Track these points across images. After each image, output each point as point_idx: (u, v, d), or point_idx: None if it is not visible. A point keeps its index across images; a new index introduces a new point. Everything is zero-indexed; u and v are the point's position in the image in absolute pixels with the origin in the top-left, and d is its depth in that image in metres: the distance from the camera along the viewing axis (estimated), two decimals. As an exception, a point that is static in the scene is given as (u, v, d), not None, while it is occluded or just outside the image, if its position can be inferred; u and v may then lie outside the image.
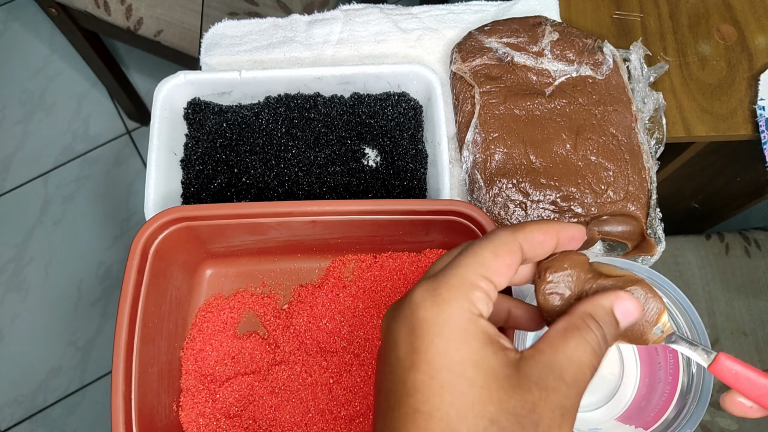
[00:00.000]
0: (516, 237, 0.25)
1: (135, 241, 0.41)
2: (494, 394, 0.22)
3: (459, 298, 0.23)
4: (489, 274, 0.24)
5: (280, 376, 0.46)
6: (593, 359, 0.24)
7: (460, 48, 0.55)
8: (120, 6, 0.92)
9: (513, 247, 0.25)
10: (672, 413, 0.40)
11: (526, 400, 0.22)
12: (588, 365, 0.24)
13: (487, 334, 0.23)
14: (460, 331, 0.23)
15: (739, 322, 0.68)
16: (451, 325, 0.23)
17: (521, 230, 0.26)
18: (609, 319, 0.26)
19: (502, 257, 0.25)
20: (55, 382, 1.15)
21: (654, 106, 0.53)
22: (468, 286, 0.24)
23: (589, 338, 0.24)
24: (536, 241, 0.26)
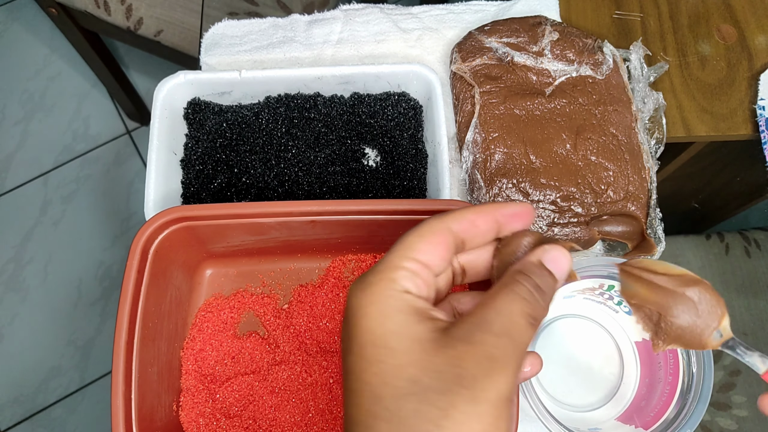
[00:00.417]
0: (443, 220, 0.27)
1: (135, 241, 0.41)
2: (416, 356, 0.23)
3: (383, 279, 0.25)
4: (414, 255, 0.26)
5: (280, 376, 0.46)
6: (524, 306, 0.25)
7: (460, 48, 0.55)
8: (120, 6, 0.92)
9: (438, 228, 0.26)
10: (672, 413, 0.40)
11: (449, 356, 0.23)
12: (519, 313, 0.24)
13: (413, 307, 0.24)
14: (383, 308, 0.24)
15: (739, 322, 0.68)
16: (375, 304, 0.24)
17: (451, 214, 0.27)
18: (539, 270, 0.26)
19: (427, 238, 0.26)
20: (55, 382, 1.15)
21: (654, 106, 0.53)
22: (392, 268, 0.25)
23: (518, 290, 0.25)
24: (467, 220, 0.27)
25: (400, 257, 0.25)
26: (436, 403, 0.22)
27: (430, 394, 0.23)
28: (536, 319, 0.25)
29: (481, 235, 0.28)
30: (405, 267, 0.25)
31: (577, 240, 0.49)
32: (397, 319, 0.24)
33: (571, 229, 0.49)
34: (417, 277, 0.25)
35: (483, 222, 0.27)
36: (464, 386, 0.22)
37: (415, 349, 0.23)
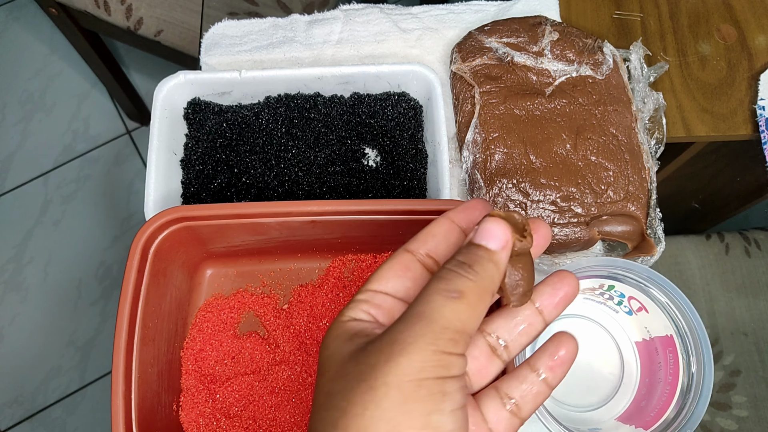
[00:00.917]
0: (405, 246, 0.27)
1: (135, 241, 0.41)
2: (333, 371, 0.24)
3: (340, 314, 0.26)
4: (369, 286, 0.27)
5: (280, 376, 0.46)
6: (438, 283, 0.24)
7: (460, 48, 0.55)
8: (120, 6, 0.92)
9: (398, 255, 0.27)
10: (672, 413, 0.40)
11: (357, 359, 0.23)
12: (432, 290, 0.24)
13: (349, 331, 0.25)
14: (326, 339, 0.26)
15: (739, 322, 0.68)
16: (325, 337, 0.26)
17: (412, 238, 0.28)
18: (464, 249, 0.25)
19: (387, 266, 0.27)
20: (55, 382, 1.15)
21: (654, 106, 0.53)
22: (350, 303, 0.26)
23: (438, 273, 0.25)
24: (423, 237, 0.27)
25: (359, 291, 0.27)
26: (337, 404, 0.23)
27: (335, 399, 0.23)
28: (461, 293, 0.23)
29: (450, 246, 0.27)
30: (356, 299, 0.26)
31: (577, 240, 0.49)
32: (332, 345, 0.25)
33: (571, 229, 0.49)
34: (366, 304, 0.26)
35: (443, 231, 0.27)
36: (362, 379, 0.22)
37: (335, 365, 0.24)
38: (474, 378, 0.27)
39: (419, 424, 0.22)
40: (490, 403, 0.27)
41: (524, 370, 0.27)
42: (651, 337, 0.45)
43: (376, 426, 0.21)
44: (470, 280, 0.23)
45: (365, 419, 0.22)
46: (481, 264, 0.24)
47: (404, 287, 0.27)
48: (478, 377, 0.27)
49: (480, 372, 0.27)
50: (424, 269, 0.27)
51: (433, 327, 0.22)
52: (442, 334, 0.22)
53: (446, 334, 0.22)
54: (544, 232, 0.28)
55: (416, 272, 0.27)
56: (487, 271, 0.24)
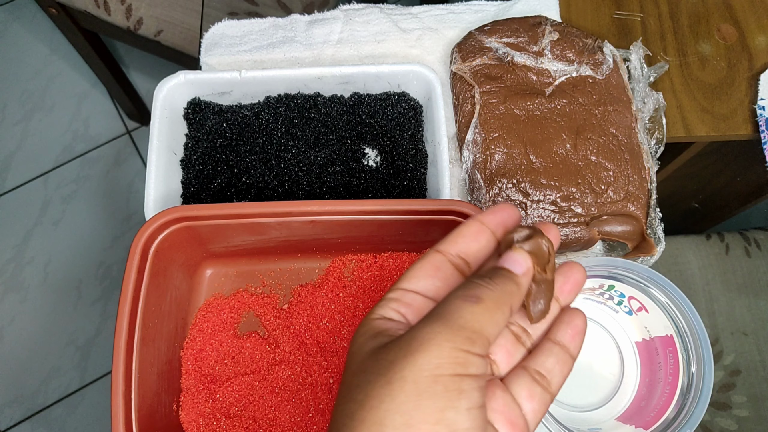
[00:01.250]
0: (435, 246, 0.28)
1: (135, 241, 0.41)
2: (355, 366, 0.25)
3: (371, 312, 0.27)
4: (400, 285, 0.27)
5: (280, 376, 0.46)
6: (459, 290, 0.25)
7: (460, 48, 0.55)
8: (120, 6, 0.92)
9: (429, 255, 0.28)
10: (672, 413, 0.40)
11: (378, 355, 0.24)
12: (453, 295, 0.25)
13: (375, 329, 0.26)
14: (355, 335, 0.26)
15: (739, 322, 0.68)
16: (354, 333, 0.27)
17: (443, 239, 0.29)
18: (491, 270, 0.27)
19: (417, 269, 0.28)
20: (55, 382, 1.15)
21: (654, 106, 0.53)
22: (381, 301, 0.27)
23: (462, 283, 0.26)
24: (459, 236, 0.28)
25: (391, 289, 0.28)
26: (355, 397, 0.23)
27: (354, 391, 0.24)
28: (479, 298, 0.24)
29: (481, 246, 0.28)
30: (387, 297, 0.27)
31: (578, 240, 0.49)
32: (358, 341, 0.26)
33: (571, 229, 0.49)
34: (396, 302, 0.27)
35: (472, 233, 0.28)
36: (380, 374, 0.23)
37: (357, 360, 0.25)
38: (501, 365, 0.28)
39: (433, 419, 0.22)
40: (521, 381, 0.27)
41: (547, 344, 0.28)
42: (651, 337, 0.45)
43: (391, 418, 0.22)
44: (489, 289, 0.25)
45: (381, 411, 0.22)
46: (502, 279, 0.25)
47: (434, 287, 0.27)
48: (504, 364, 0.28)
49: (506, 359, 0.28)
50: (454, 269, 0.28)
51: (451, 325, 0.23)
52: (460, 332, 0.23)
53: (463, 332, 0.23)
54: (577, 277, 0.29)
55: (447, 272, 0.28)
56: (507, 286, 0.25)
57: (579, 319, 0.29)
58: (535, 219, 0.49)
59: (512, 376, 0.27)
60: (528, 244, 0.27)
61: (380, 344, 0.25)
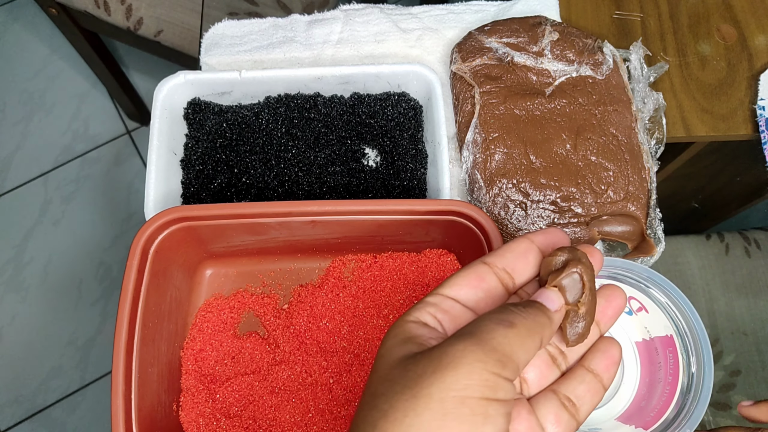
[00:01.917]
0: (483, 258, 0.28)
1: (135, 241, 0.41)
2: (382, 372, 0.25)
3: (407, 313, 0.27)
4: (441, 290, 0.27)
5: (280, 376, 0.46)
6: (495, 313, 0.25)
7: (460, 48, 0.55)
8: (120, 6, 0.92)
9: (475, 265, 0.28)
10: (672, 413, 0.40)
11: (406, 365, 0.24)
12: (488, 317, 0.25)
13: (408, 333, 0.26)
14: (387, 335, 0.26)
15: (739, 322, 0.68)
16: (387, 332, 0.27)
17: (492, 252, 0.29)
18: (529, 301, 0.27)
19: (463, 274, 0.28)
20: (55, 382, 1.15)
21: (654, 106, 0.53)
22: (419, 303, 0.27)
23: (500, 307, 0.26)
24: (508, 251, 0.28)
25: (430, 293, 0.27)
26: (380, 406, 0.23)
27: (379, 400, 0.23)
28: (512, 324, 0.24)
29: (528, 264, 0.28)
30: (426, 301, 0.27)
31: (578, 240, 0.49)
32: (388, 344, 0.26)
33: (571, 230, 0.49)
34: (434, 307, 0.27)
35: (521, 250, 0.28)
36: (408, 386, 0.23)
37: (385, 366, 0.25)
38: (532, 385, 0.28)
39: None
40: (549, 404, 0.27)
41: (580, 371, 0.28)
42: (651, 337, 0.45)
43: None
44: (523, 316, 0.25)
45: (403, 426, 0.22)
46: (536, 311, 0.26)
47: (476, 297, 0.27)
48: (535, 385, 0.28)
49: (538, 380, 0.28)
50: (499, 283, 0.28)
51: (483, 346, 0.23)
52: (491, 354, 0.23)
53: (495, 354, 0.23)
54: (619, 303, 0.29)
55: (490, 284, 0.28)
56: (539, 317, 0.25)
57: (615, 349, 0.29)
58: (535, 219, 0.49)
59: (541, 398, 0.27)
60: (565, 276, 0.27)
61: (410, 353, 0.24)
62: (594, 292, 0.27)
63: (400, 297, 0.48)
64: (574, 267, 0.27)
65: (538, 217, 0.49)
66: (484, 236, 0.44)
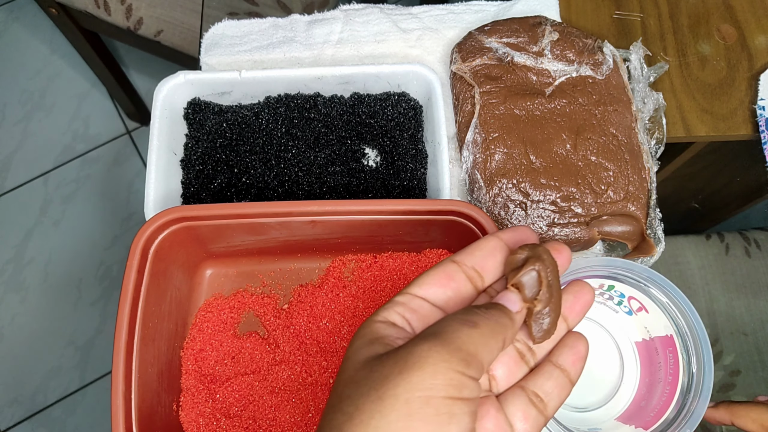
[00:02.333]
0: (452, 256, 0.28)
1: (135, 241, 0.41)
2: (348, 373, 0.24)
3: (375, 313, 0.27)
4: (410, 289, 0.27)
5: (280, 376, 0.46)
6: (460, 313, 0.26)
7: (460, 48, 0.55)
8: (120, 6, 0.92)
9: (444, 263, 0.28)
10: (672, 413, 0.40)
11: (372, 366, 0.24)
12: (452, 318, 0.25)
13: (374, 333, 0.26)
14: (355, 336, 0.26)
15: (739, 322, 0.68)
16: (355, 336, 0.27)
17: (461, 250, 0.29)
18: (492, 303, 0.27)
19: (430, 276, 0.28)
20: (55, 382, 1.15)
21: (654, 106, 0.53)
22: (387, 303, 0.27)
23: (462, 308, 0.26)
24: (477, 249, 0.28)
25: (399, 292, 0.27)
26: (345, 409, 0.23)
27: (344, 402, 0.23)
28: (476, 324, 0.24)
29: (497, 262, 0.28)
30: (394, 300, 0.27)
31: (578, 240, 0.49)
32: (355, 345, 0.26)
33: (571, 229, 0.49)
34: (402, 306, 0.27)
35: (489, 248, 0.28)
36: (373, 387, 0.23)
37: (351, 368, 0.25)
38: (501, 381, 0.28)
39: None
40: (517, 401, 0.27)
41: (548, 367, 0.28)
42: (651, 337, 0.45)
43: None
44: (486, 317, 0.25)
45: (369, 428, 0.22)
46: (498, 312, 0.26)
47: (445, 296, 0.27)
48: (504, 381, 0.28)
49: (506, 376, 0.28)
50: (468, 281, 0.28)
51: (448, 346, 0.23)
52: (456, 353, 0.23)
53: (459, 353, 0.23)
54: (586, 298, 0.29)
55: (459, 283, 0.28)
56: (502, 318, 0.25)
57: (582, 344, 0.29)
58: (535, 219, 0.49)
59: (509, 394, 0.27)
60: (523, 274, 0.27)
61: (376, 354, 0.24)
62: (556, 288, 0.27)
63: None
64: (532, 264, 0.26)
65: (538, 217, 0.49)
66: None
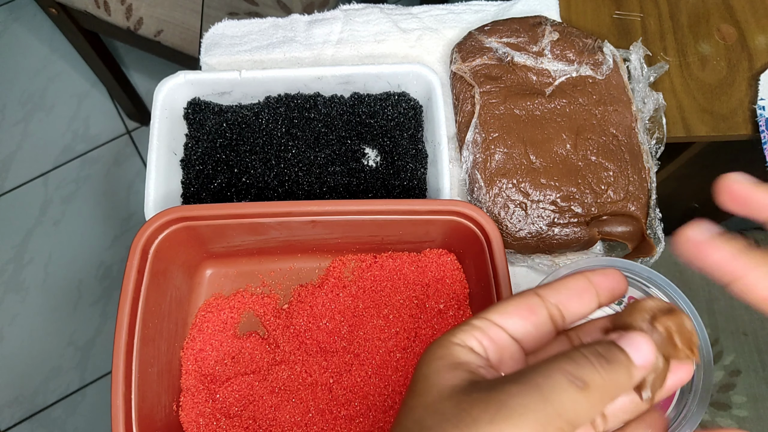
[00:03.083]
0: (535, 290, 0.26)
1: (135, 241, 0.41)
2: (429, 398, 0.23)
3: (450, 333, 0.25)
4: (490, 315, 0.25)
5: (280, 376, 0.46)
6: (566, 364, 0.23)
7: (460, 48, 0.55)
8: (120, 6, 0.92)
9: (525, 296, 0.26)
10: (672, 413, 0.40)
11: (459, 400, 0.22)
12: (556, 368, 0.23)
13: (455, 357, 0.24)
14: (430, 354, 0.25)
15: (739, 322, 0.68)
16: (428, 351, 0.25)
17: (544, 285, 0.26)
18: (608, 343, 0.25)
19: (511, 305, 0.26)
20: (55, 382, 1.15)
21: (654, 106, 0.53)
22: (464, 324, 0.25)
23: (570, 353, 0.23)
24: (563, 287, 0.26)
25: (477, 317, 0.26)
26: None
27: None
28: (585, 385, 0.22)
29: (583, 305, 0.26)
30: (471, 323, 0.25)
31: (578, 240, 0.49)
32: (433, 365, 0.24)
33: (571, 229, 0.49)
34: (480, 332, 0.25)
35: (577, 288, 0.26)
36: (460, 428, 0.21)
37: (432, 393, 0.23)
38: None
39: None
40: None
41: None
42: (651, 337, 0.45)
43: None
44: (600, 376, 0.22)
45: None
46: (618, 367, 0.23)
47: (524, 330, 0.25)
48: None
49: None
50: (548, 318, 0.26)
51: (548, 409, 0.21)
52: (555, 419, 0.21)
53: (558, 421, 0.21)
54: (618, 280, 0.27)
55: (541, 318, 0.26)
56: (620, 377, 0.23)
57: (662, 425, 0.26)
58: (535, 219, 0.49)
59: None
60: (658, 331, 0.23)
61: (461, 383, 0.23)
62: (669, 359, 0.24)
63: (400, 297, 0.48)
64: (675, 320, 0.23)
65: (538, 217, 0.49)
66: (484, 236, 0.44)
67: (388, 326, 0.47)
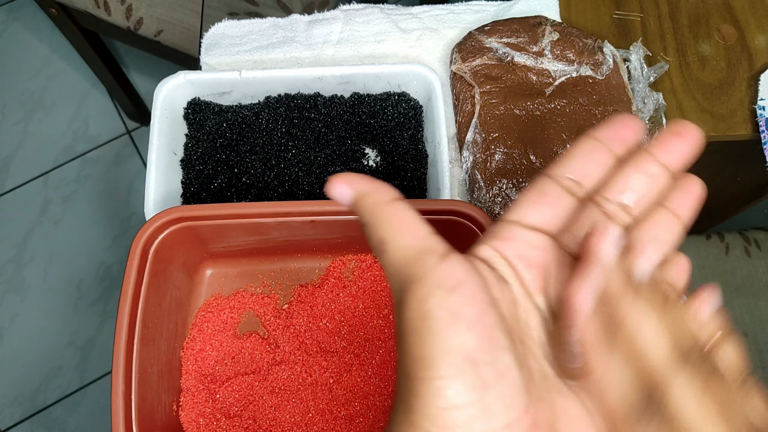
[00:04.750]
0: (545, 171, 0.25)
1: (135, 241, 0.41)
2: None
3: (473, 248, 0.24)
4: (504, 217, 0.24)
5: (280, 376, 0.46)
6: None
7: (460, 48, 0.55)
8: (120, 6, 0.92)
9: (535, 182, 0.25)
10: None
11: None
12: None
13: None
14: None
15: (739, 322, 0.68)
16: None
17: (552, 164, 0.25)
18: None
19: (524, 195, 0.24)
20: (55, 382, 1.15)
21: (654, 106, 0.53)
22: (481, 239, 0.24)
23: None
24: (569, 156, 0.24)
25: (498, 221, 0.24)
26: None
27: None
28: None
29: (598, 165, 0.24)
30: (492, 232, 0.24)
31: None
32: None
33: (571, 229, 0.49)
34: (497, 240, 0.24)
35: (584, 152, 0.24)
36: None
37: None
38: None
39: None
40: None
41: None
42: (651, 337, 0.45)
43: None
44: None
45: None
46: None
47: (541, 215, 0.24)
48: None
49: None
50: (564, 192, 0.24)
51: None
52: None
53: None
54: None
55: (554, 197, 0.24)
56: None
57: (697, 186, 0.24)
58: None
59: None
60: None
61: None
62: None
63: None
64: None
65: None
66: (484, 236, 0.44)
67: (388, 326, 0.47)
